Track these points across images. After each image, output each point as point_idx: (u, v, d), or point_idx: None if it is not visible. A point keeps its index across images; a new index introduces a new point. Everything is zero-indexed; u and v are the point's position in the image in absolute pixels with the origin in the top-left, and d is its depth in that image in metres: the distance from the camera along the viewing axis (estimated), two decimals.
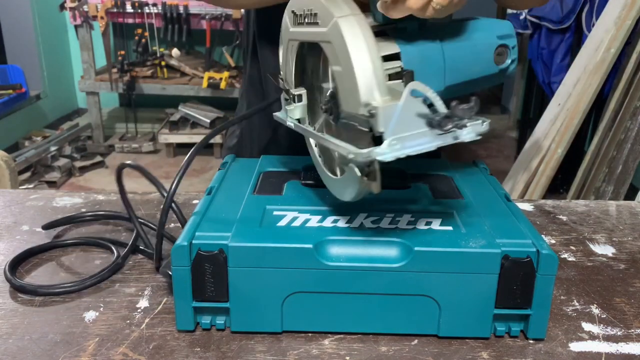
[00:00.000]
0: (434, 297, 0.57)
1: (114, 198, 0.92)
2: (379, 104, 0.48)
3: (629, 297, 0.68)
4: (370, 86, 0.50)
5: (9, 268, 0.69)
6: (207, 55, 3.76)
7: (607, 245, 0.81)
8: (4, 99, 3.51)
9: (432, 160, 0.82)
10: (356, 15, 0.52)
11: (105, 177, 3.51)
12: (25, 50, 3.94)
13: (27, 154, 3.32)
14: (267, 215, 0.62)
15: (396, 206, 0.65)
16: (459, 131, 0.49)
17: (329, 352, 0.57)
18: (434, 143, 0.49)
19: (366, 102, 0.49)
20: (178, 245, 0.56)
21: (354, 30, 0.51)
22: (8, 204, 0.90)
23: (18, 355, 0.56)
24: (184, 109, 3.85)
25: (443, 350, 0.58)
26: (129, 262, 0.73)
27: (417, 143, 0.48)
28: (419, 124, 0.48)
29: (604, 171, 2.44)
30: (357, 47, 0.51)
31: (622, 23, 2.38)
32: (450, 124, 0.48)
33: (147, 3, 3.55)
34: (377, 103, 0.49)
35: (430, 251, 0.56)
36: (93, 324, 0.61)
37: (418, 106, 0.48)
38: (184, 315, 0.59)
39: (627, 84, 2.41)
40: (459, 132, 0.49)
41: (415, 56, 0.56)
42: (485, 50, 0.59)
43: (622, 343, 0.60)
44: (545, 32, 2.97)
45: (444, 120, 0.47)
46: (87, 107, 3.92)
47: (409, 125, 0.48)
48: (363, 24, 0.52)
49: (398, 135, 0.48)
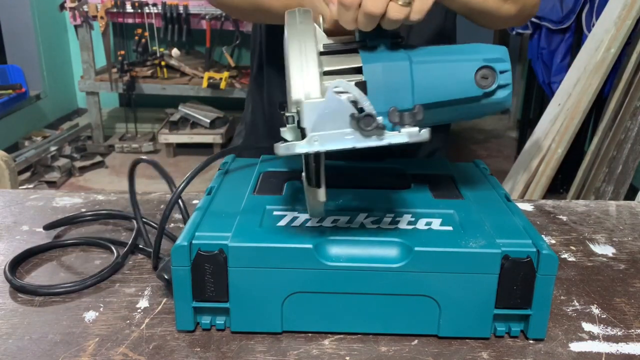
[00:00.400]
0: (434, 297, 0.57)
1: (114, 198, 0.92)
2: (304, 100, 0.51)
3: (629, 297, 0.68)
4: (300, 86, 0.52)
5: (9, 268, 0.69)
6: (207, 55, 3.76)
7: (607, 245, 0.81)
8: (4, 99, 3.51)
9: (432, 160, 0.82)
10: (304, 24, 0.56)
11: (105, 177, 3.51)
12: (25, 50, 3.94)
13: (27, 154, 3.32)
14: (267, 215, 0.62)
15: (396, 206, 0.65)
16: (386, 133, 0.50)
17: (329, 352, 0.57)
18: (357, 143, 0.50)
19: (296, 100, 0.52)
20: (178, 245, 0.56)
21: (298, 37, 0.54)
22: (8, 204, 0.90)
23: (18, 355, 0.56)
24: (183, 109, 3.85)
25: (443, 351, 0.58)
26: (129, 262, 0.73)
27: (339, 141, 0.50)
28: (343, 123, 0.50)
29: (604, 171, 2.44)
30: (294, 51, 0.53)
31: (622, 23, 2.38)
32: (373, 123, 0.48)
33: (147, 3, 3.55)
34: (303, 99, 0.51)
35: (430, 251, 0.56)
36: (93, 324, 0.61)
37: (343, 104, 0.49)
38: (184, 315, 0.59)
39: (627, 84, 2.41)
40: (386, 134, 0.50)
41: (378, 71, 0.56)
42: (465, 71, 0.58)
43: (622, 343, 0.60)
44: (545, 32, 2.97)
45: (365, 119, 0.48)
46: (87, 107, 3.91)
47: (333, 123, 0.50)
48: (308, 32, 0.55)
49: (320, 133, 0.50)
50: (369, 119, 0.49)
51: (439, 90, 0.57)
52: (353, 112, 0.49)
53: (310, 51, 0.53)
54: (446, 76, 0.57)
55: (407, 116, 0.51)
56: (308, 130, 0.50)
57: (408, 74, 0.56)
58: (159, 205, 0.91)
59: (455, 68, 0.58)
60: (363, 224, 0.61)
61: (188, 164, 3.52)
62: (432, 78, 0.57)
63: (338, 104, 0.50)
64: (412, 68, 0.56)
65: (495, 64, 0.58)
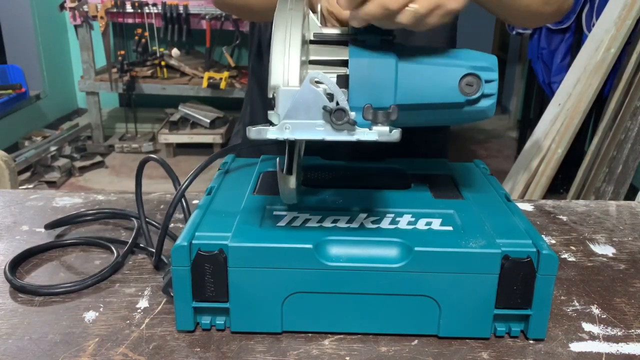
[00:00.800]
0: (434, 297, 0.57)
1: (114, 198, 0.92)
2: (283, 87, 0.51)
3: (629, 297, 0.68)
4: (280, 71, 0.52)
5: (9, 268, 0.69)
6: (207, 55, 3.76)
7: (607, 245, 0.81)
8: (4, 99, 3.51)
9: (432, 160, 0.82)
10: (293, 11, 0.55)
11: (105, 177, 3.51)
12: (25, 50, 3.94)
13: (27, 154, 3.32)
14: (267, 215, 0.62)
15: (396, 206, 0.65)
16: (357, 129, 0.50)
17: (329, 352, 0.57)
18: (327, 135, 0.50)
19: (273, 85, 0.52)
20: (178, 246, 0.56)
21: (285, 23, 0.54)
22: (8, 204, 0.90)
23: (18, 355, 0.56)
24: (183, 109, 3.85)
25: (443, 351, 0.58)
26: (129, 262, 0.73)
27: (310, 132, 0.50)
28: (316, 115, 0.50)
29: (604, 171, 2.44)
30: (279, 36, 0.53)
31: (622, 23, 2.38)
32: (344, 117, 0.49)
33: (147, 3, 3.55)
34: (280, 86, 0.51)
35: (430, 251, 0.56)
36: (93, 324, 0.61)
37: (317, 96, 0.50)
38: (184, 315, 0.59)
39: (627, 84, 2.41)
40: (357, 130, 0.50)
41: (364, 66, 0.56)
42: (450, 76, 0.58)
43: (622, 343, 0.60)
44: (545, 32, 2.97)
45: (337, 112, 0.49)
46: (87, 107, 3.92)
47: (306, 113, 0.50)
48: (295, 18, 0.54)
49: (292, 121, 0.50)
50: (341, 113, 0.49)
51: (422, 92, 0.57)
52: (326, 104, 0.50)
53: (294, 38, 0.53)
54: (430, 79, 0.57)
55: (381, 115, 0.51)
56: (281, 116, 0.50)
57: (393, 73, 0.56)
58: (159, 205, 0.91)
59: (441, 72, 0.58)
60: (363, 224, 0.61)
61: (188, 164, 3.52)
62: (416, 79, 0.57)
63: (313, 94, 0.50)
64: (398, 67, 0.56)
65: (482, 72, 0.58)
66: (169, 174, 0.75)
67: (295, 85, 0.52)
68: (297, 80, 0.52)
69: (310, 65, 0.58)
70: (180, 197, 0.66)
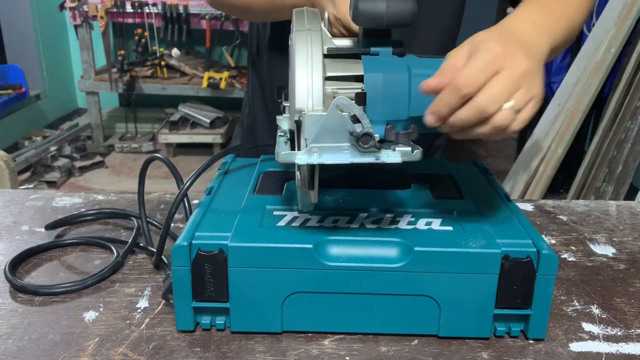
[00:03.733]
0: (434, 297, 0.57)
1: (114, 198, 0.92)
2: (307, 112, 0.52)
3: (629, 297, 0.68)
4: (304, 95, 0.54)
5: (9, 268, 0.69)
6: (207, 55, 3.76)
7: (607, 245, 0.81)
8: (4, 99, 3.51)
9: (432, 160, 0.82)
10: (312, 32, 0.56)
11: (105, 177, 3.51)
12: (25, 50, 3.94)
13: (27, 154, 3.32)
14: (267, 215, 0.62)
15: (396, 206, 0.65)
16: (382, 151, 0.51)
17: (329, 352, 0.57)
18: (353, 159, 0.52)
19: (299, 109, 0.53)
20: (178, 246, 0.56)
21: (306, 44, 0.56)
22: (8, 204, 0.90)
23: (18, 355, 0.56)
24: (183, 109, 3.85)
25: (443, 350, 0.58)
26: (129, 262, 0.73)
27: (337, 155, 0.52)
28: (342, 138, 0.51)
29: (604, 171, 2.44)
30: (301, 59, 0.55)
31: (622, 23, 2.38)
32: (370, 142, 0.50)
33: (147, 3, 3.55)
34: (306, 111, 0.53)
35: (430, 251, 0.56)
36: (93, 324, 0.61)
37: (343, 120, 0.51)
38: (184, 315, 0.59)
39: (627, 84, 2.41)
40: (381, 152, 0.51)
41: (379, 82, 0.57)
42: None
43: (622, 343, 0.60)
44: None
45: (364, 137, 0.50)
46: (87, 107, 3.91)
47: (332, 137, 0.51)
48: (315, 40, 0.56)
49: (319, 145, 0.51)
50: (367, 138, 0.50)
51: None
52: (352, 129, 0.51)
53: (316, 61, 0.54)
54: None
55: (402, 136, 0.53)
56: (308, 141, 0.51)
57: (406, 87, 0.57)
58: (159, 205, 0.91)
59: None
60: (363, 224, 0.61)
61: (188, 164, 3.52)
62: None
63: (340, 119, 0.51)
64: (411, 81, 0.57)
65: None
66: (173, 174, 0.76)
67: (320, 109, 0.53)
68: (321, 103, 0.53)
69: (327, 81, 0.58)
70: (183, 196, 0.66)
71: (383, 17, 0.56)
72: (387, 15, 0.56)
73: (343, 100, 0.51)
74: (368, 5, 0.56)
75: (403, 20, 0.57)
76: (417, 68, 0.58)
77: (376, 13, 0.56)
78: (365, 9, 0.56)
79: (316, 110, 0.53)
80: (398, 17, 0.56)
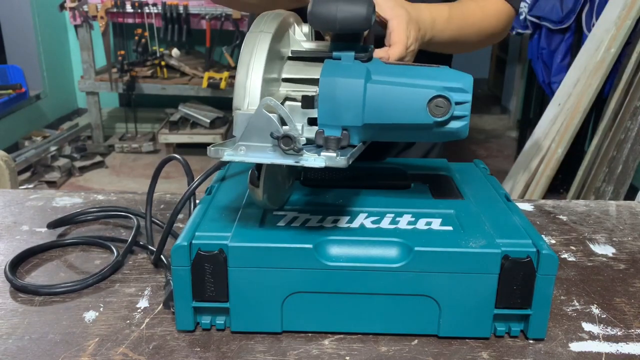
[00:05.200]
0: (434, 297, 0.57)
1: (114, 198, 0.92)
2: (238, 111, 0.54)
3: (629, 297, 0.68)
4: (242, 95, 0.55)
5: (9, 268, 0.69)
6: (207, 55, 3.77)
7: (607, 245, 0.81)
8: (4, 99, 3.51)
9: (432, 160, 0.82)
10: (264, 33, 0.57)
11: (105, 177, 3.51)
12: (25, 50, 3.94)
13: (27, 154, 3.32)
14: (267, 215, 0.62)
15: (396, 206, 0.65)
16: (304, 155, 0.51)
17: (329, 352, 0.57)
18: (274, 159, 0.52)
19: (235, 107, 0.55)
20: (178, 245, 0.56)
21: (252, 45, 0.56)
22: (8, 204, 0.90)
23: (18, 355, 0.56)
24: (183, 109, 3.85)
25: (443, 350, 0.58)
26: (129, 262, 0.73)
27: (262, 155, 0.52)
28: (268, 138, 0.52)
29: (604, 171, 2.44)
30: (244, 59, 0.56)
31: (622, 23, 2.38)
32: (291, 144, 0.50)
33: (147, 3, 3.55)
34: (241, 110, 0.54)
35: (430, 251, 0.56)
36: (93, 324, 0.61)
37: (269, 121, 0.51)
38: (184, 315, 0.59)
39: (627, 84, 2.41)
40: (304, 155, 0.51)
41: (332, 86, 0.56)
42: (417, 97, 0.57)
43: (622, 343, 0.60)
44: (546, 32, 2.97)
45: (284, 139, 0.51)
46: (87, 107, 3.92)
47: (259, 136, 0.52)
48: (263, 42, 0.57)
49: (247, 143, 0.52)
50: (288, 140, 0.51)
51: (390, 112, 0.57)
52: (276, 130, 0.51)
53: (258, 61, 0.55)
54: (398, 100, 0.57)
55: (332, 141, 0.54)
56: (237, 138, 0.52)
57: (361, 93, 0.56)
58: (159, 205, 0.91)
59: (409, 93, 0.57)
60: (363, 224, 0.61)
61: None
62: (385, 100, 0.57)
63: (266, 119, 0.51)
64: (366, 87, 0.56)
65: (453, 93, 0.57)
66: (187, 173, 0.77)
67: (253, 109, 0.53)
68: (256, 104, 0.54)
69: (284, 82, 0.60)
70: (190, 194, 0.67)
71: (335, 22, 0.56)
72: (338, 20, 0.56)
73: (270, 102, 0.52)
74: (320, 9, 0.56)
75: (357, 25, 0.56)
76: (377, 74, 0.57)
77: (328, 17, 0.56)
78: (317, 12, 0.56)
79: (250, 110, 0.54)
80: (350, 21, 0.56)
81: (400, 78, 0.58)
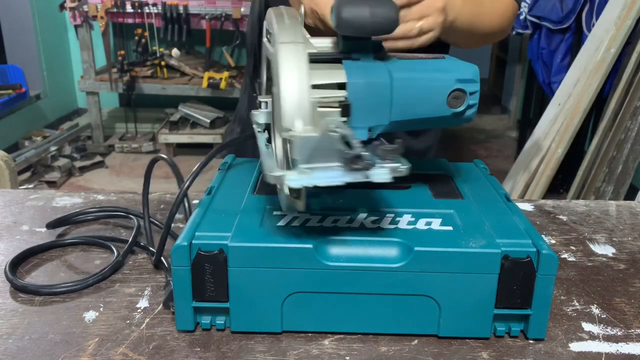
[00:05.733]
0: (434, 297, 0.57)
1: (114, 198, 0.92)
2: (297, 133, 0.51)
3: (629, 297, 0.68)
4: (293, 114, 0.53)
5: (9, 268, 0.69)
6: (207, 55, 3.77)
7: (607, 245, 0.81)
8: (4, 99, 3.51)
9: (432, 160, 0.82)
10: (297, 44, 0.55)
11: (105, 177, 3.51)
12: (25, 50, 3.94)
13: (27, 154, 3.32)
14: (267, 215, 0.62)
15: (396, 206, 0.65)
16: (372, 171, 0.51)
17: (329, 352, 0.57)
18: (344, 178, 0.51)
19: (287, 128, 0.52)
20: (178, 245, 0.56)
21: (289, 59, 0.54)
22: (8, 204, 0.90)
23: (18, 355, 0.56)
24: (183, 109, 3.85)
25: (443, 350, 0.58)
26: (129, 262, 0.73)
27: (328, 175, 0.50)
28: (332, 158, 0.50)
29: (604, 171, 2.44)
30: (288, 76, 0.53)
31: (622, 23, 2.38)
32: (360, 163, 0.50)
33: (147, 3, 3.55)
34: (296, 132, 0.52)
35: (430, 251, 0.56)
36: (93, 324, 0.61)
37: (334, 142, 0.51)
38: (184, 315, 0.59)
39: (627, 84, 2.42)
40: (371, 172, 0.51)
41: (361, 89, 0.56)
42: (439, 92, 0.59)
43: (622, 343, 0.60)
44: (546, 32, 2.97)
45: (354, 159, 0.50)
46: (87, 107, 3.92)
47: (323, 157, 0.50)
48: (301, 54, 0.55)
49: (310, 165, 0.50)
50: (357, 160, 0.50)
51: (412, 109, 0.59)
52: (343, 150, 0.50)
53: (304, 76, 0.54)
54: (421, 96, 0.59)
55: (389, 153, 0.53)
56: (299, 162, 0.50)
57: (388, 93, 0.57)
58: (158, 205, 0.91)
59: (430, 89, 0.59)
60: (363, 224, 0.61)
61: (188, 164, 3.52)
62: (408, 98, 0.58)
63: (332, 142, 0.51)
64: (392, 86, 0.57)
65: (467, 85, 0.59)
66: (175, 174, 0.76)
67: (310, 130, 0.52)
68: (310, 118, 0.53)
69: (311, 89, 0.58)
70: (183, 196, 0.66)
71: (367, 27, 0.55)
72: (371, 24, 0.55)
73: (334, 124, 0.52)
74: (352, 14, 0.55)
75: (386, 29, 0.56)
76: (398, 72, 0.58)
77: (360, 22, 0.55)
78: (349, 18, 0.55)
79: (305, 130, 0.52)
80: (381, 25, 0.56)
81: (418, 73, 0.59)
